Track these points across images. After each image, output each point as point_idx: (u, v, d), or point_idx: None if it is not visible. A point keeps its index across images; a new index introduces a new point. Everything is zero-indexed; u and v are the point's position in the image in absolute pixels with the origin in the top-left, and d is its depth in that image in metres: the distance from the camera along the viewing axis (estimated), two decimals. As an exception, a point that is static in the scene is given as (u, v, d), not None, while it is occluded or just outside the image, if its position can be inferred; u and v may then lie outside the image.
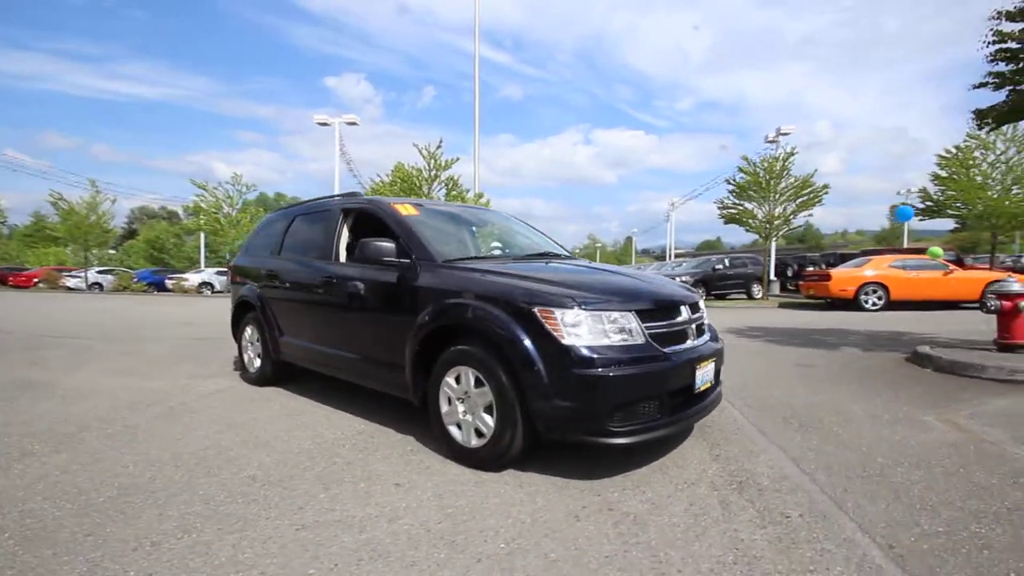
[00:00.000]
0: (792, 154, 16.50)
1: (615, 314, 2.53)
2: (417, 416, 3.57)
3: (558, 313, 2.48)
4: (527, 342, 2.49)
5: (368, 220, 4.49)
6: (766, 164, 16.84)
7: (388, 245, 3.19)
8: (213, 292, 26.17)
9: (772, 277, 20.69)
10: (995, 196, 15.82)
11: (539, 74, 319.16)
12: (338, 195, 4.30)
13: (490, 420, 2.65)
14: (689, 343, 2.84)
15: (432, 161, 17.86)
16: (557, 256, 3.81)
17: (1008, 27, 5.32)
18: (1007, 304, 5.16)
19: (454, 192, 17.87)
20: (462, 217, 4.22)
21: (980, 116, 6.73)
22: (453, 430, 2.84)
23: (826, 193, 16.64)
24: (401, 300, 3.18)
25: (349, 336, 3.61)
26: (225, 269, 28.43)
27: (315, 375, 4.68)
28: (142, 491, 2.47)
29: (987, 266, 16.94)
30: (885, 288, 12.96)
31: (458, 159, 17.86)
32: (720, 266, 18.28)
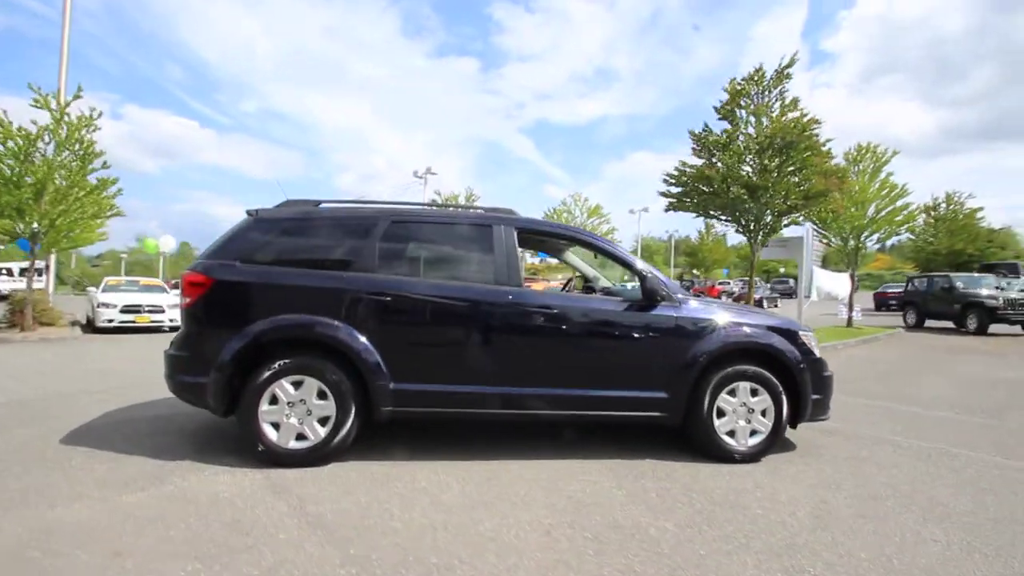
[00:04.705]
0: (475, 197, 19.97)
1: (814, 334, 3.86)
2: (633, 439, 3.81)
3: (809, 335, 3.66)
4: (800, 357, 3.54)
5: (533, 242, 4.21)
6: (454, 201, 19.71)
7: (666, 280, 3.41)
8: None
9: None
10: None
11: (36, 6, 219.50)
12: (481, 208, 3.71)
13: (766, 420, 3.48)
14: None
15: (60, 115, 11.99)
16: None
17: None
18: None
19: (100, 167, 12.43)
20: None
21: (665, 197, 11.05)
22: (727, 439, 3.46)
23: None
24: (668, 330, 3.46)
25: (585, 370, 3.47)
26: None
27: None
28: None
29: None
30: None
31: (100, 113, 12.44)
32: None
